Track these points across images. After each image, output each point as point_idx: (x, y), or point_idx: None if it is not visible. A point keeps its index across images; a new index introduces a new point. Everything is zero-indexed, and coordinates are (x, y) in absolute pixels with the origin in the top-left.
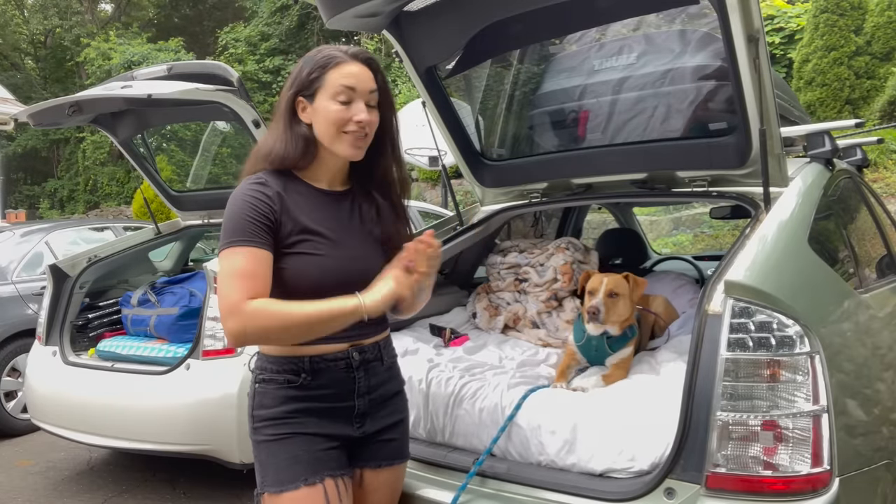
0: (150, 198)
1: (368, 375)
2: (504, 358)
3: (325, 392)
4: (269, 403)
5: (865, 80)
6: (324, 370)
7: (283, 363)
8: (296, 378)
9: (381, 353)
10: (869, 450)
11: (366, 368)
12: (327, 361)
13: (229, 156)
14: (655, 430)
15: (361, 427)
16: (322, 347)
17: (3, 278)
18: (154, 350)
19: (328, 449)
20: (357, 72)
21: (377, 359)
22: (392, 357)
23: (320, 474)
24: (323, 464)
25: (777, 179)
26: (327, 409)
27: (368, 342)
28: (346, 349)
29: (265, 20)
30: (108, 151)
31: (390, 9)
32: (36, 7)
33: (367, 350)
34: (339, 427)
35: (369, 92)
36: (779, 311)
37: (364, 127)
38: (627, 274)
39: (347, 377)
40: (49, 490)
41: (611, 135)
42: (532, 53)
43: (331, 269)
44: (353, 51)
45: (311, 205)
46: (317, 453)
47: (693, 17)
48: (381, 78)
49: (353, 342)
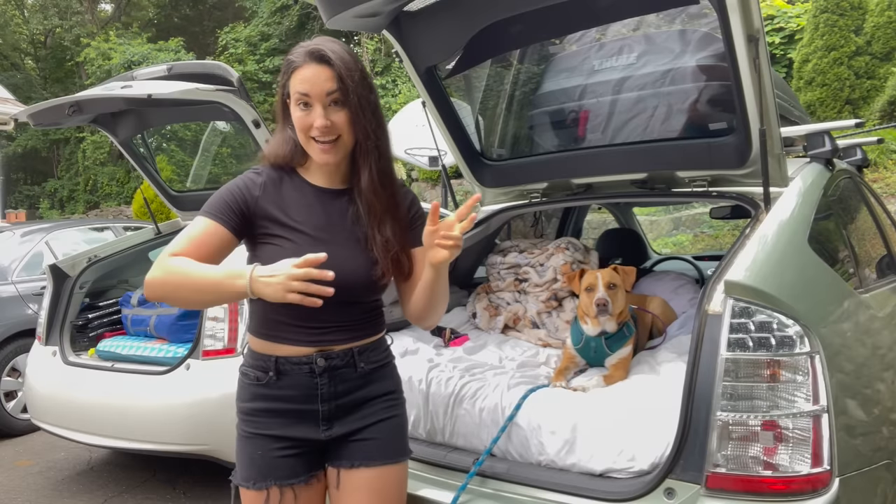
0: (150, 198)
1: (334, 382)
2: (504, 358)
3: (289, 394)
4: (243, 396)
5: (865, 80)
6: (288, 372)
7: (256, 359)
8: (263, 376)
9: (355, 360)
10: (869, 450)
11: (331, 375)
12: (292, 364)
13: (229, 156)
14: (655, 430)
15: (329, 430)
16: (288, 349)
17: (3, 278)
18: (154, 350)
19: (285, 456)
20: (310, 75)
21: (348, 365)
22: (373, 363)
23: (268, 480)
24: (274, 470)
25: (777, 179)
26: (292, 410)
27: (338, 349)
28: (311, 354)
29: (265, 20)
30: (108, 151)
31: (390, 9)
32: (36, 7)
33: (335, 356)
34: (304, 430)
35: (326, 94)
36: (779, 311)
37: (326, 131)
38: (615, 265)
39: (310, 382)
40: (49, 490)
41: (611, 135)
42: (532, 53)
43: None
44: (311, 49)
45: (301, 201)
46: (271, 459)
47: (693, 17)
48: (343, 75)
49: (320, 347)
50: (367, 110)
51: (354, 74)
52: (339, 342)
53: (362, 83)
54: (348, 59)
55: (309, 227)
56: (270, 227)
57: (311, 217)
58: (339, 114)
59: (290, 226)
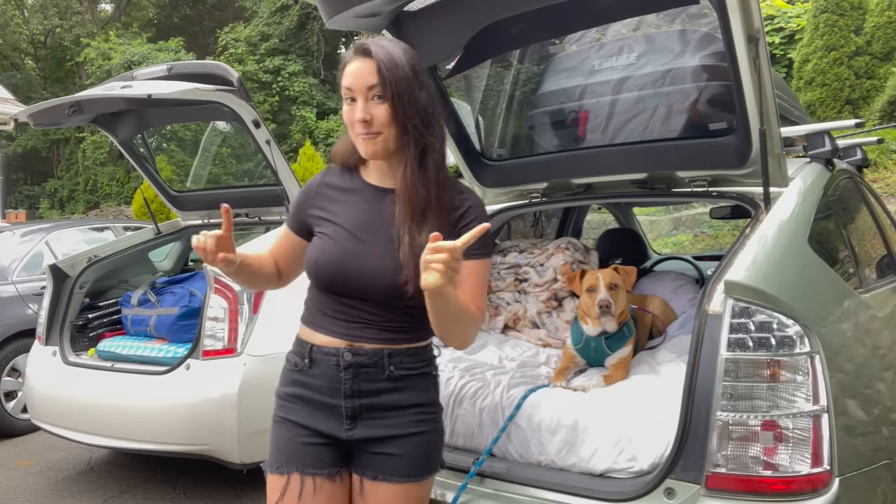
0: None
1: (358, 380)
2: (504, 358)
3: (318, 384)
4: (282, 381)
5: (865, 80)
6: (319, 362)
7: (297, 345)
8: (300, 361)
9: (384, 362)
10: (869, 450)
11: (356, 371)
12: (322, 353)
13: (229, 156)
14: (655, 430)
15: (352, 430)
16: (322, 338)
17: (3, 278)
18: (154, 350)
19: (311, 444)
20: (354, 69)
21: (376, 366)
22: (405, 369)
23: (291, 466)
24: (298, 457)
25: (777, 179)
26: (318, 402)
27: (368, 347)
28: (340, 346)
29: (265, 20)
30: (108, 151)
31: (390, 9)
32: (36, 7)
33: (363, 354)
34: (328, 424)
35: (368, 88)
36: (779, 311)
37: (367, 126)
38: (615, 266)
39: (336, 374)
40: (49, 490)
41: (611, 135)
42: (532, 53)
43: (330, 256)
44: (358, 44)
45: (353, 198)
46: (296, 445)
47: (693, 17)
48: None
49: (350, 342)
50: (410, 106)
51: (399, 70)
52: (369, 340)
53: (408, 79)
54: (396, 54)
55: (350, 223)
56: (320, 224)
57: (356, 214)
58: (380, 108)
59: (333, 222)
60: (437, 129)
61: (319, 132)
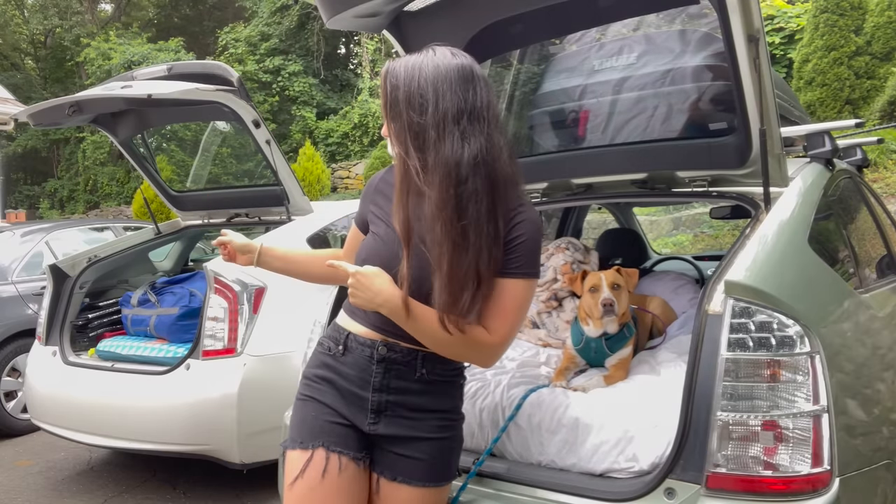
0: (150, 198)
1: (389, 375)
2: (504, 358)
3: (349, 372)
4: (311, 363)
5: (865, 80)
6: (353, 350)
7: (333, 330)
8: (334, 346)
9: (417, 363)
10: (869, 450)
11: (388, 367)
12: (358, 343)
13: (229, 156)
14: (656, 430)
15: (375, 424)
16: (359, 328)
17: (3, 278)
18: (154, 350)
19: (336, 423)
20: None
21: (408, 365)
22: (437, 375)
23: (315, 441)
24: (324, 434)
25: (777, 179)
26: (347, 390)
27: (404, 345)
28: (376, 339)
29: (265, 20)
30: (108, 151)
31: (390, 9)
32: (36, 7)
33: (398, 351)
34: (353, 414)
35: (383, 106)
36: (779, 311)
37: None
38: (618, 267)
39: (368, 366)
40: (49, 490)
41: (611, 135)
42: (532, 53)
43: (376, 254)
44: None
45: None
46: (322, 423)
47: (693, 17)
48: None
49: (386, 337)
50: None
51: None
52: (406, 339)
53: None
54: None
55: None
56: (374, 222)
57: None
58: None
59: (384, 220)
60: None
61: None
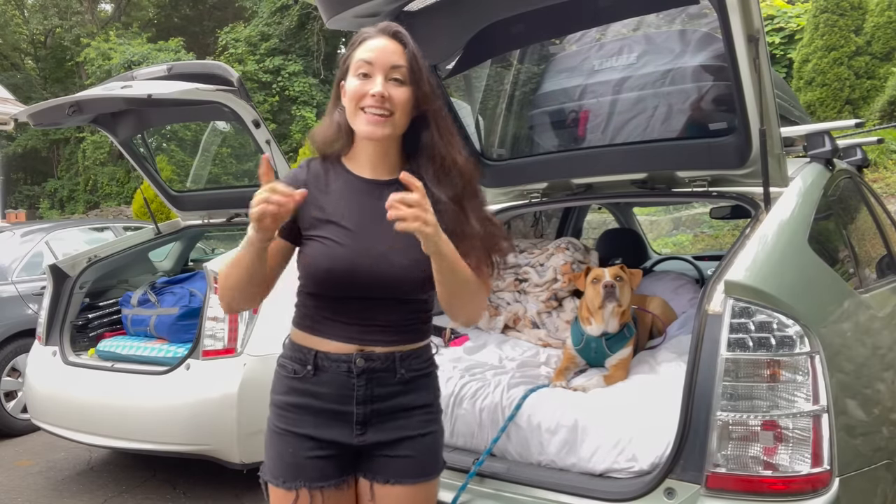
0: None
1: (371, 385)
2: (504, 358)
3: (324, 391)
4: (278, 389)
5: (865, 80)
6: (326, 369)
7: (295, 350)
8: (301, 369)
9: (396, 365)
10: (869, 450)
11: (369, 377)
12: (330, 360)
13: (229, 156)
14: (655, 430)
15: (362, 435)
16: (329, 344)
17: (3, 278)
18: (154, 350)
19: (316, 457)
20: (379, 45)
21: (388, 370)
22: (414, 371)
23: (297, 482)
24: (304, 472)
25: (777, 179)
26: (326, 410)
27: (380, 350)
28: (351, 352)
29: (265, 20)
30: (108, 151)
31: (390, 9)
32: (36, 7)
33: (375, 359)
34: (337, 433)
35: (392, 66)
36: (779, 311)
37: (381, 101)
38: (621, 265)
39: (347, 382)
40: (49, 490)
41: (611, 135)
42: (532, 53)
43: (341, 258)
44: (383, 25)
45: (345, 193)
46: (301, 459)
47: (693, 17)
48: (416, 55)
49: (362, 346)
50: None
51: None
52: (382, 343)
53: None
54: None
55: (351, 221)
56: (314, 224)
57: (355, 211)
58: (400, 90)
59: (332, 221)
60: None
61: None
